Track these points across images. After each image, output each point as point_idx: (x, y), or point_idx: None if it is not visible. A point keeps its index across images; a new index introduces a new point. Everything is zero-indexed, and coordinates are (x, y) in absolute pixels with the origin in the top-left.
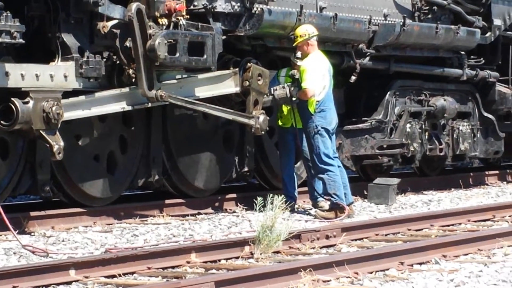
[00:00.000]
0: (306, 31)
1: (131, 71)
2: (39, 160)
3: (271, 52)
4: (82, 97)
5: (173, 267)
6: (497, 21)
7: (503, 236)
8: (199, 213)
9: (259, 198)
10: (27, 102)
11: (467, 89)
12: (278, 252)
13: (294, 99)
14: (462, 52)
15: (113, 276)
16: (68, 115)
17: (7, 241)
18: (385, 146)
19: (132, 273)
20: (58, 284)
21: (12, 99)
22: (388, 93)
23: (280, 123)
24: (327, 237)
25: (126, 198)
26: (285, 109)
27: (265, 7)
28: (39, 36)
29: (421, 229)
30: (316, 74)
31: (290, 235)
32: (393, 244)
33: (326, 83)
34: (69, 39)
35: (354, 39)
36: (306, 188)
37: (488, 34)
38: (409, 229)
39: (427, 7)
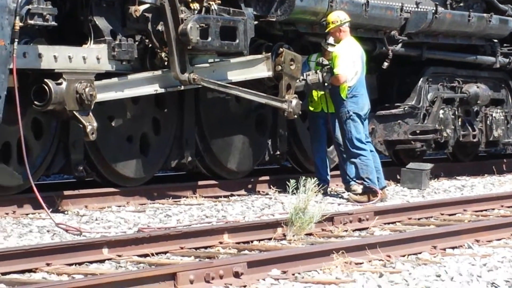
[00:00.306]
0: (338, 17)
1: (163, 54)
2: (72, 140)
3: (303, 38)
4: (115, 79)
5: (205, 247)
6: None
7: None
8: (232, 195)
9: (292, 181)
10: (60, 83)
11: (500, 77)
12: (310, 234)
13: (326, 84)
14: (495, 40)
15: (146, 255)
16: (101, 97)
17: (40, 219)
18: (418, 131)
19: (165, 252)
20: (91, 262)
21: (46, 80)
22: (421, 79)
23: (311, 108)
24: (360, 220)
25: (159, 179)
26: (315, 94)
27: None
28: (71, 19)
29: (454, 214)
30: (348, 60)
31: (323, 217)
32: (426, 228)
33: (358, 69)
34: (101, 22)
35: (386, 26)
36: (338, 172)
37: None
38: (442, 214)
39: None
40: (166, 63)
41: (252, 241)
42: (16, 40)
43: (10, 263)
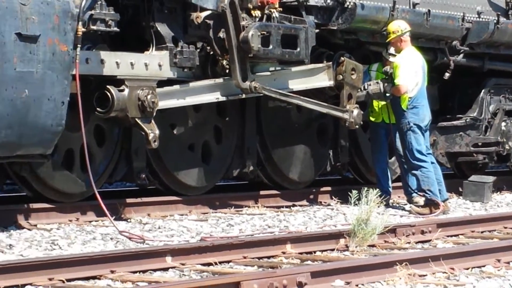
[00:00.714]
0: (399, 27)
1: (225, 62)
2: (134, 147)
3: (364, 47)
4: (176, 87)
5: (268, 257)
6: None
7: None
8: (293, 205)
9: (354, 192)
10: (122, 90)
11: None
12: (373, 245)
13: (387, 94)
14: None
15: (209, 264)
16: (163, 104)
17: (104, 226)
18: (480, 143)
19: (228, 261)
20: (155, 270)
21: (108, 86)
22: (483, 91)
23: (372, 119)
24: (423, 232)
25: (221, 188)
26: (376, 104)
27: (357, 2)
28: (133, 25)
29: None
30: (409, 70)
31: (385, 229)
32: (490, 242)
33: (418, 79)
34: (163, 28)
35: (447, 36)
36: (400, 183)
37: None
38: (505, 227)
39: None
40: (227, 71)
41: (314, 252)
42: (79, 45)
43: (75, 269)
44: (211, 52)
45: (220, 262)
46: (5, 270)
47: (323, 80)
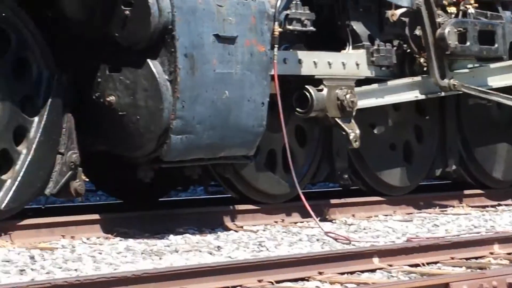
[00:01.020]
0: None
1: (422, 60)
2: (335, 148)
3: None
4: (375, 85)
5: (476, 258)
6: None
7: None
8: (499, 205)
9: None
10: (321, 90)
11: None
12: None
13: None
14: None
15: (416, 265)
16: (362, 103)
17: (309, 228)
18: None
19: (435, 262)
20: (362, 271)
21: (307, 86)
22: None
23: None
24: None
25: (424, 188)
26: None
27: None
28: (327, 24)
29: None
30: None
31: None
32: None
33: None
34: (358, 27)
35: None
36: None
37: None
38: None
39: None
40: (424, 69)
41: None
42: (276, 46)
43: (283, 271)
44: (408, 50)
45: (428, 263)
46: (216, 272)
47: None
